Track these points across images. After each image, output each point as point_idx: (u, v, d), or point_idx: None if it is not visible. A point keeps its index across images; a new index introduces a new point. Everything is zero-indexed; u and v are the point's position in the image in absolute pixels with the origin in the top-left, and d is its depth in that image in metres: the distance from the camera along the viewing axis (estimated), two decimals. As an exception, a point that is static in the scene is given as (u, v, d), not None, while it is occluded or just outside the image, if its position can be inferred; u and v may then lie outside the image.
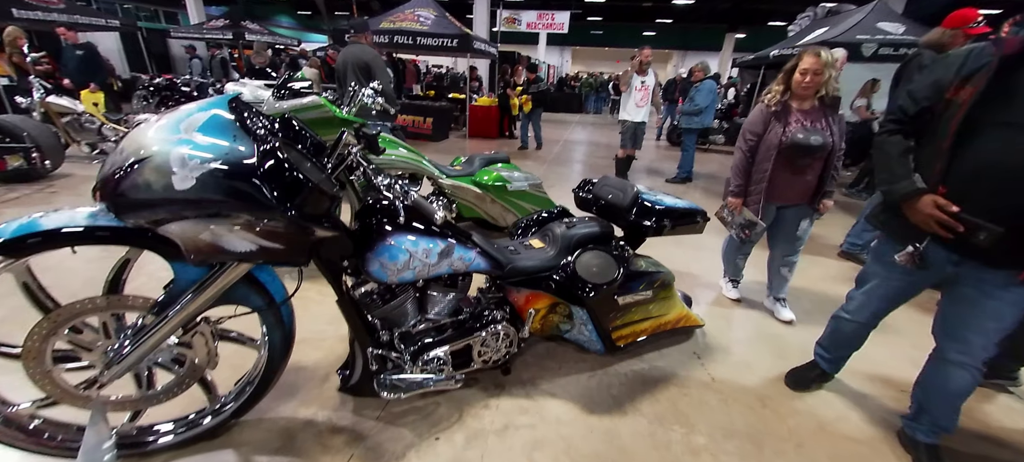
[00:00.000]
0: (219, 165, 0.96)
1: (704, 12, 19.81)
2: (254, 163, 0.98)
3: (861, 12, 8.07)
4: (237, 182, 0.97)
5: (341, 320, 1.49)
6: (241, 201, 0.98)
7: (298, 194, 1.02)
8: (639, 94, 4.98)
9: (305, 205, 1.04)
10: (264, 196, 0.98)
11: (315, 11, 23.42)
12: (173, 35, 10.95)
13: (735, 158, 2.27)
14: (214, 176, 0.95)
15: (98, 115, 4.91)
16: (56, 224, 1.06)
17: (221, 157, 0.96)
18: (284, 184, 1.00)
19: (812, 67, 2.01)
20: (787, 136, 2.03)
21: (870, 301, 1.66)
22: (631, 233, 1.98)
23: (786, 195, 2.20)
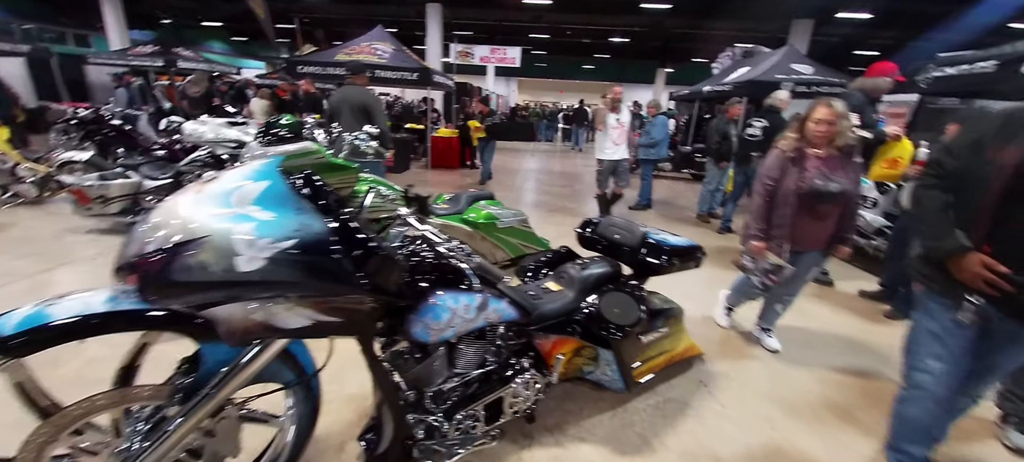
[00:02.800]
0: (292, 243, 0.88)
1: (637, 49, 21.56)
2: (328, 237, 0.92)
3: (776, 55, 9.21)
4: (313, 260, 0.90)
5: (344, 379, 1.40)
6: (316, 280, 0.91)
7: (372, 265, 0.97)
8: (615, 132, 4.93)
9: (378, 276, 0.98)
10: (343, 272, 0.92)
11: (252, 37, 22.37)
12: (94, 61, 9.83)
13: (754, 203, 2.30)
14: (288, 256, 0.88)
15: (12, 154, 4.27)
16: (70, 314, 0.91)
17: (293, 235, 0.89)
18: (360, 257, 0.95)
19: (825, 118, 2.06)
20: (805, 182, 2.10)
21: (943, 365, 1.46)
22: (638, 271, 2.07)
23: (805, 240, 2.21)
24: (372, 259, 0.97)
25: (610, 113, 4.89)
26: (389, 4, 14.28)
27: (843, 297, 3.55)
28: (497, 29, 18.48)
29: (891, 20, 13.25)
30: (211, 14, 17.82)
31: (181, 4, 15.58)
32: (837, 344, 2.83)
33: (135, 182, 3.56)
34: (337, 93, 3.68)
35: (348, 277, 0.93)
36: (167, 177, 3.60)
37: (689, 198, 7.29)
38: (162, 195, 3.65)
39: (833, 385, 2.36)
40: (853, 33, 15.12)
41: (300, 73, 7.23)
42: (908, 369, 1.57)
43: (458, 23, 14.79)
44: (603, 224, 2.16)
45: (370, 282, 0.97)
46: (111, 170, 3.65)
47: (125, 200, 3.58)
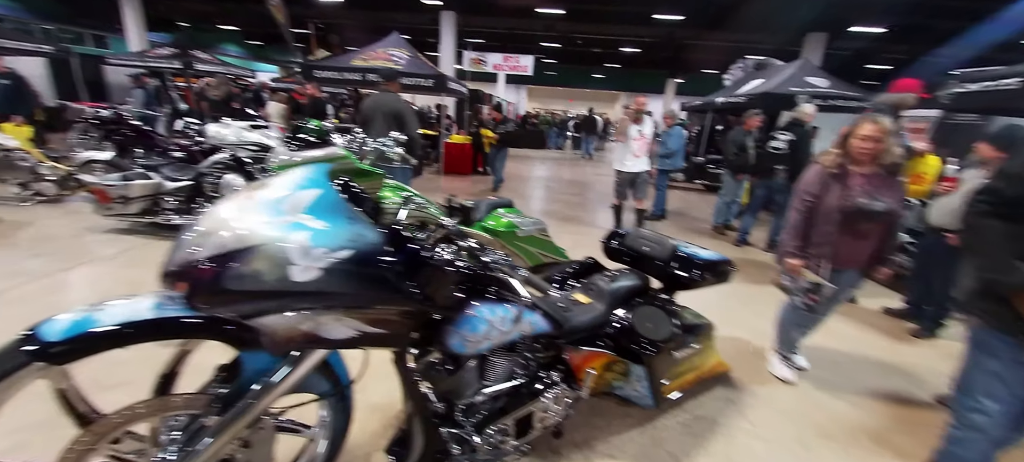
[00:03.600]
0: (348, 254, 0.86)
1: (647, 59, 21.61)
2: (383, 248, 0.89)
3: (790, 68, 9.17)
4: (368, 270, 0.88)
5: (369, 388, 1.37)
6: (370, 291, 0.89)
7: (426, 277, 0.94)
8: (636, 144, 4.74)
9: (430, 287, 0.96)
10: (397, 284, 0.89)
11: (266, 42, 22.71)
12: (112, 62, 10.01)
13: (791, 219, 2.20)
14: (343, 266, 0.86)
15: (34, 152, 4.32)
16: (118, 319, 0.89)
17: (348, 245, 0.87)
18: (414, 268, 0.92)
19: (872, 134, 1.99)
20: (849, 199, 2.03)
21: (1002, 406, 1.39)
22: (668, 285, 2.03)
23: (845, 259, 2.13)
24: (425, 270, 0.94)
25: (632, 124, 4.72)
26: (403, 11, 14.44)
27: (867, 314, 3.48)
28: (508, 37, 18.63)
29: (905, 35, 13.19)
30: (227, 18, 18.12)
31: (198, 8, 15.85)
32: (864, 364, 2.76)
33: (155, 183, 3.58)
34: (370, 99, 3.70)
35: (402, 288, 0.91)
36: (187, 178, 3.62)
37: (703, 209, 7.24)
38: (182, 196, 3.67)
39: (864, 407, 2.30)
40: (866, 47, 15.07)
41: (317, 77, 7.29)
42: (962, 408, 1.47)
43: (470, 31, 14.93)
44: (631, 236, 2.13)
45: (423, 294, 0.94)
46: (132, 171, 3.68)
47: (145, 201, 3.60)
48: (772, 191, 4.51)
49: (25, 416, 1.27)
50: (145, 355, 1.11)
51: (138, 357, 1.11)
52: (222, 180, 3.48)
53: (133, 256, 3.41)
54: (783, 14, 12.18)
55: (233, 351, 1.06)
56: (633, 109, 4.77)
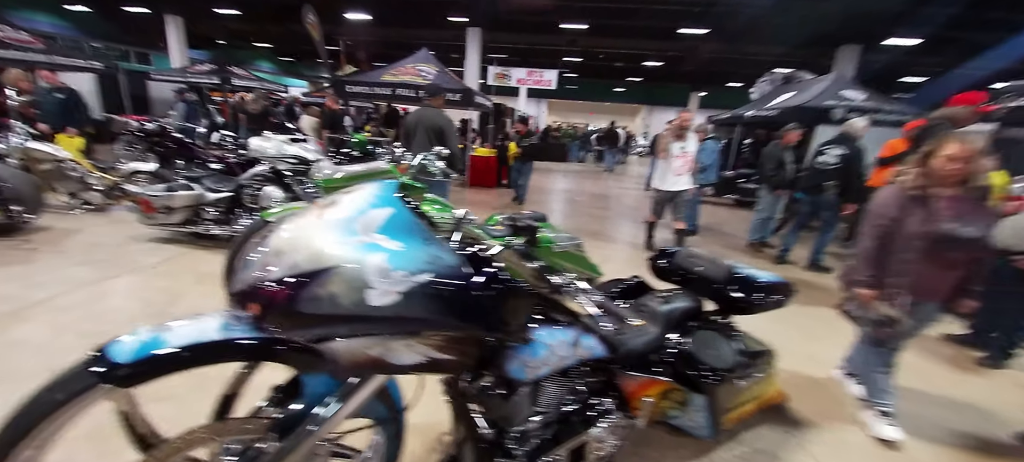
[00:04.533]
0: (427, 277, 0.81)
1: (670, 72, 21.43)
2: (462, 270, 0.84)
3: (824, 81, 8.92)
4: (448, 294, 0.82)
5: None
6: (448, 316, 0.83)
7: (504, 300, 0.88)
8: (679, 162, 4.46)
9: (508, 312, 0.90)
10: (477, 308, 0.84)
11: (297, 58, 23.59)
12: (156, 77, 10.55)
13: (862, 246, 2.03)
14: (421, 290, 0.81)
15: (83, 163, 4.52)
16: (185, 341, 0.86)
17: (426, 267, 0.82)
18: (495, 292, 0.87)
19: (959, 155, 1.82)
20: (935, 225, 1.86)
21: None
22: (723, 307, 1.92)
23: (927, 291, 1.94)
24: (505, 294, 0.88)
25: (675, 141, 4.45)
26: (429, 28, 14.77)
27: (927, 341, 3.24)
28: (530, 52, 18.82)
29: (939, 47, 12.70)
30: (262, 36, 18.92)
31: (236, 26, 16.60)
32: (931, 397, 2.55)
33: (197, 194, 3.67)
34: (413, 114, 3.76)
35: (481, 313, 0.85)
36: (227, 190, 3.70)
37: (734, 225, 7.02)
38: (222, 207, 3.75)
39: (936, 446, 2.11)
40: (899, 60, 14.58)
41: (347, 92, 7.46)
42: None
43: (493, 46, 15.14)
44: (681, 255, 2.03)
45: (501, 319, 0.88)
46: (175, 182, 3.78)
47: (187, 211, 3.69)
48: (818, 208, 4.31)
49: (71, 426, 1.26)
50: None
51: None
52: (261, 192, 3.54)
53: (174, 265, 3.48)
54: (813, 27, 11.92)
55: (291, 371, 1.02)
56: (677, 124, 4.50)
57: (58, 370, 0.84)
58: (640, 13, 12.56)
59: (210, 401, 1.12)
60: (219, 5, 13.44)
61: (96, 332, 2.47)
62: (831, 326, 3.29)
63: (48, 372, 1.05)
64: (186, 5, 12.23)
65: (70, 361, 0.97)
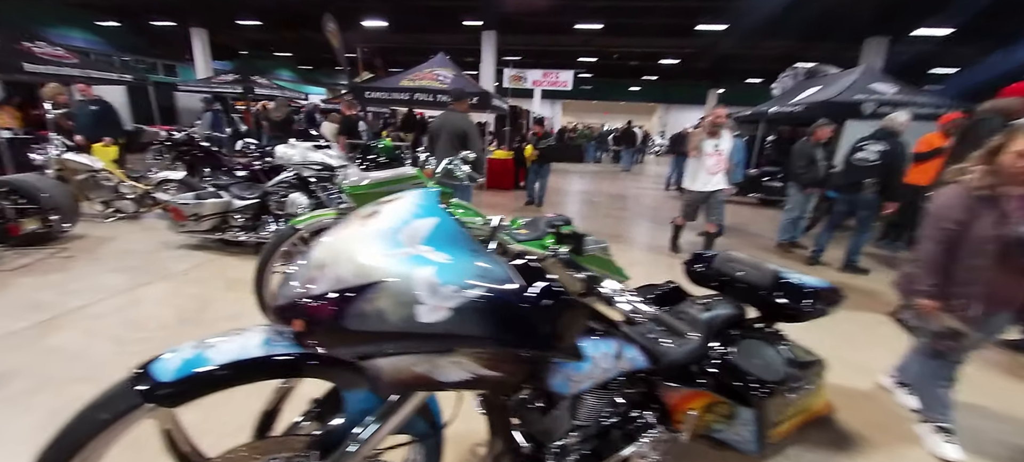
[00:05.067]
0: (478, 292, 0.77)
1: (687, 70, 21.07)
2: (515, 284, 0.79)
3: (852, 74, 8.60)
4: (500, 309, 0.78)
5: None
6: (501, 333, 0.79)
7: (558, 315, 0.83)
8: (712, 160, 4.23)
9: (563, 327, 0.84)
10: (532, 324, 0.79)
11: (315, 66, 24.08)
12: (183, 88, 10.90)
13: (925, 251, 1.87)
14: (475, 306, 0.76)
15: (116, 172, 4.65)
16: (228, 358, 0.83)
17: (479, 281, 0.77)
18: (550, 306, 0.81)
19: None
20: (1008, 227, 1.71)
21: None
22: (768, 315, 1.82)
23: (1000, 300, 1.79)
24: (558, 308, 0.83)
25: (708, 138, 4.23)
26: (444, 32, 14.87)
27: (980, 348, 3.05)
28: (544, 54, 18.77)
29: (970, 36, 12.13)
30: (282, 45, 19.37)
31: (257, 36, 17.02)
32: (989, 408, 2.38)
33: (225, 201, 3.73)
34: (438, 118, 3.79)
35: (536, 330, 0.80)
36: (254, 197, 3.75)
37: (761, 224, 6.81)
38: (248, 214, 3.80)
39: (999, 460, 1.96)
40: (929, 51, 14.00)
41: (368, 98, 7.53)
42: None
43: (507, 49, 15.14)
44: (720, 259, 1.94)
45: (555, 334, 0.83)
46: (204, 190, 3.86)
47: (215, 218, 3.75)
48: (855, 207, 4.13)
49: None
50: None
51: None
52: (287, 199, 3.58)
53: (203, 271, 3.54)
54: (837, 19, 11.54)
55: (325, 384, 0.99)
56: (710, 121, 4.30)
57: (103, 389, 0.82)
58: (656, 11, 12.38)
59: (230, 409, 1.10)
60: (242, 17, 13.81)
61: (130, 338, 2.52)
62: (872, 332, 3.14)
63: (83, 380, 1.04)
64: (210, 17, 12.60)
65: (106, 369, 0.96)
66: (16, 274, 3.31)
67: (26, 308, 2.80)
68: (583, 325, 0.90)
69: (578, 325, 0.89)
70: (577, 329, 0.88)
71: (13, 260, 3.53)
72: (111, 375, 0.84)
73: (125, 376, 0.82)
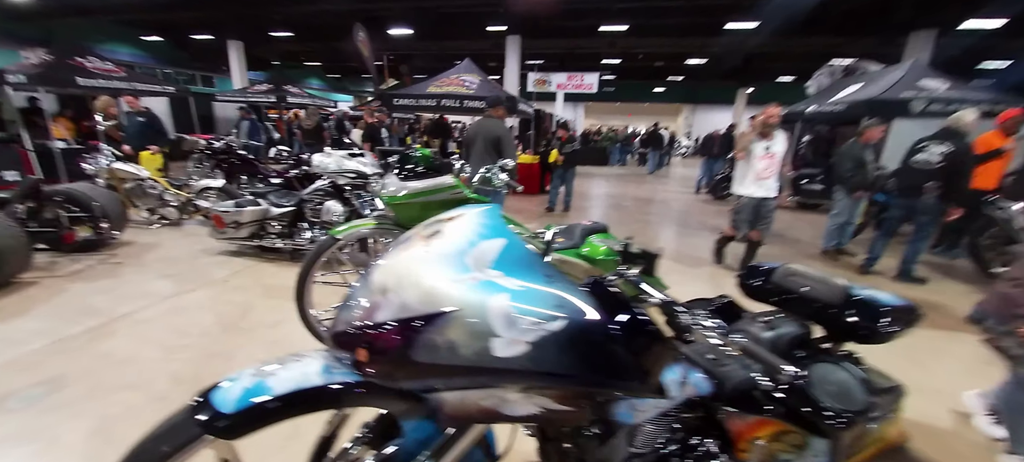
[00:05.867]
0: (560, 324, 0.69)
1: (715, 69, 20.49)
2: (601, 316, 0.71)
3: (897, 70, 8.14)
4: (585, 344, 0.70)
5: None
6: (587, 370, 0.71)
7: (645, 347, 0.75)
8: (763, 163, 3.82)
9: (652, 361, 0.76)
10: (621, 360, 0.71)
11: (343, 74, 24.71)
12: (220, 99, 11.37)
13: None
14: (556, 340, 0.69)
15: (161, 181, 4.84)
16: (288, 388, 0.79)
17: (558, 312, 0.70)
18: (641, 341, 0.74)
19: None
20: None
21: None
22: (836, 334, 1.68)
23: None
24: (647, 342, 0.75)
25: (759, 140, 3.83)
26: (467, 38, 14.98)
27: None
28: (568, 57, 18.65)
29: (1021, 27, 11.29)
30: (312, 56, 19.98)
31: (288, 48, 17.61)
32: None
33: (263, 209, 3.81)
34: (473, 125, 3.81)
35: (624, 367, 0.72)
36: (291, 205, 3.82)
37: (801, 229, 6.49)
38: (285, 221, 3.86)
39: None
40: (977, 44, 13.12)
41: (395, 105, 7.63)
42: None
43: (530, 52, 15.10)
44: (781, 272, 1.80)
45: (643, 370, 0.74)
46: (243, 198, 3.95)
47: (254, 225, 3.83)
48: (913, 212, 3.85)
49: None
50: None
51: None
52: (323, 206, 3.62)
53: (243, 278, 3.61)
54: (881, 12, 10.98)
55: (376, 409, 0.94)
56: (760, 120, 3.87)
57: (164, 417, 0.80)
58: (684, 10, 12.08)
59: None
60: (275, 29, 14.30)
61: (175, 345, 2.57)
62: (939, 350, 2.90)
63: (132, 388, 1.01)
64: (246, 30, 13.11)
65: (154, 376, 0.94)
66: (70, 280, 3.46)
67: (80, 313, 2.91)
68: (671, 359, 0.80)
69: (666, 360, 0.80)
70: (665, 364, 0.79)
71: (67, 266, 3.70)
72: (158, 383, 0.83)
73: (185, 406, 0.79)
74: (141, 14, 12.47)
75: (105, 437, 1.85)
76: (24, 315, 2.88)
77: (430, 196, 2.07)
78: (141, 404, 2.05)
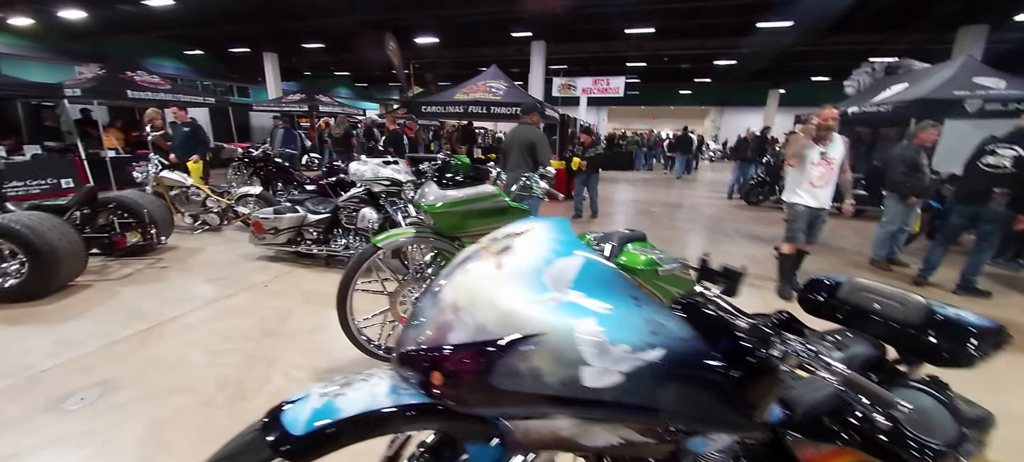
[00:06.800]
0: (660, 353, 0.64)
1: (745, 70, 19.91)
2: (703, 345, 0.65)
3: (948, 67, 7.71)
4: (688, 379, 0.64)
5: None
6: (690, 406, 0.65)
7: (760, 382, 0.68)
8: (817, 170, 3.43)
9: (760, 396, 0.69)
10: (733, 396, 0.65)
11: (370, 83, 25.35)
12: (257, 108, 11.87)
13: None
14: (654, 371, 0.63)
15: (204, 188, 5.04)
16: (359, 409, 0.76)
17: (656, 340, 0.65)
18: (749, 372, 0.67)
19: None
20: None
21: None
22: (914, 355, 1.54)
23: None
24: (754, 371, 0.68)
25: (813, 145, 3.43)
26: (492, 45, 15.08)
27: None
28: (592, 61, 18.51)
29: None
30: (340, 66, 20.58)
31: (319, 58, 18.19)
32: None
33: (301, 216, 3.90)
34: (510, 132, 3.85)
35: (731, 402, 0.65)
36: (327, 212, 3.89)
37: (844, 237, 6.18)
38: (321, 228, 3.93)
39: None
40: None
41: (424, 112, 7.73)
42: None
43: (554, 57, 15.06)
44: (849, 288, 1.68)
45: (749, 404, 0.68)
46: (281, 204, 4.06)
47: (291, 232, 3.92)
48: (977, 220, 3.58)
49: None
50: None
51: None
52: (359, 213, 3.68)
53: (282, 283, 3.69)
54: (926, 7, 10.41)
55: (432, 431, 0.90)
56: (815, 123, 3.48)
57: (233, 438, 0.78)
58: (713, 10, 11.80)
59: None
60: (308, 40, 14.81)
61: (220, 350, 2.63)
62: (1016, 370, 2.67)
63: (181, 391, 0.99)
64: (280, 43, 13.63)
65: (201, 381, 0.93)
66: (120, 283, 3.62)
67: (130, 316, 3.03)
68: (780, 391, 0.73)
69: (776, 392, 0.72)
70: (773, 397, 0.72)
71: (117, 270, 3.87)
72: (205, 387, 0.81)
73: (254, 426, 0.77)
74: (185, 29, 13.14)
75: (158, 441, 1.89)
76: (80, 317, 3.02)
77: (470, 205, 2.05)
78: (190, 408, 2.10)
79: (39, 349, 2.59)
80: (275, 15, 11.31)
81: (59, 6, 10.25)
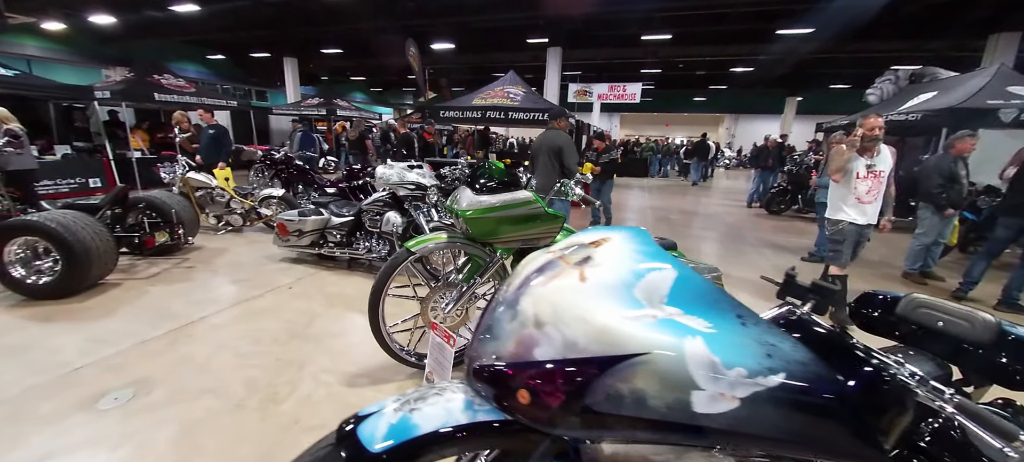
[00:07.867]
0: (780, 378, 0.59)
1: (762, 77, 19.66)
2: (828, 371, 0.60)
3: (980, 75, 7.51)
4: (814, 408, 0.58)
5: None
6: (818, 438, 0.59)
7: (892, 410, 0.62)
8: (865, 184, 3.12)
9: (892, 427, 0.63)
10: (866, 428, 0.59)
11: (385, 88, 25.66)
12: (277, 112, 12.09)
13: None
14: (774, 398, 0.58)
15: (228, 190, 5.10)
16: (434, 425, 0.72)
17: (774, 364, 0.60)
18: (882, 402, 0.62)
19: None
20: None
21: None
22: (980, 379, 1.46)
23: None
24: (887, 401, 0.63)
25: (858, 156, 3.12)
26: (508, 51, 15.13)
27: None
28: (606, 67, 18.45)
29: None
30: (357, 70, 20.87)
31: (337, 63, 18.47)
32: None
33: (325, 218, 3.91)
34: (538, 138, 3.88)
35: (862, 433, 0.60)
36: (350, 215, 3.90)
37: (871, 248, 5.97)
38: (344, 231, 3.94)
39: None
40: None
41: (441, 118, 7.77)
42: None
43: (569, 63, 15.06)
44: (908, 304, 1.60)
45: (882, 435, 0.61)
46: (305, 207, 4.08)
47: (315, 234, 3.93)
48: (1020, 231, 3.44)
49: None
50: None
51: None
52: (382, 217, 3.67)
53: (305, 285, 3.70)
54: (955, 14, 10.16)
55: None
56: (859, 134, 3.16)
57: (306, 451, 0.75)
58: (731, 17, 11.67)
59: None
60: (326, 46, 15.05)
61: (248, 351, 2.63)
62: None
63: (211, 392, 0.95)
64: (300, 48, 13.87)
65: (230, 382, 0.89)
66: (149, 282, 3.66)
67: (160, 316, 3.05)
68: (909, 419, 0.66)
69: (906, 420, 0.65)
70: (904, 425, 0.65)
71: (145, 269, 3.92)
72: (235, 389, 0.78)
73: (329, 439, 0.74)
74: (209, 34, 13.45)
75: (192, 444, 1.88)
76: (111, 316, 3.05)
77: (506, 211, 2.02)
78: (221, 410, 2.09)
79: (72, 347, 2.62)
80: (297, 21, 11.52)
81: (89, 11, 10.58)
